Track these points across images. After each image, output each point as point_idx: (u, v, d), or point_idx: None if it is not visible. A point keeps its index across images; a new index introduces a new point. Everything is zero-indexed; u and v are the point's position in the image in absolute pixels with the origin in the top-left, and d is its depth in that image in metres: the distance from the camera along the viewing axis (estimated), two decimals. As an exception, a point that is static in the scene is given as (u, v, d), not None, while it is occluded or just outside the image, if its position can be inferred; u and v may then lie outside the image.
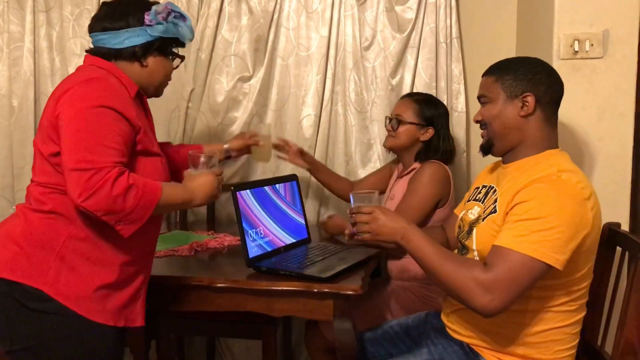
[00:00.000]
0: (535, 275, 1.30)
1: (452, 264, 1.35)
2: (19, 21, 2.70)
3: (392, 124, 2.15)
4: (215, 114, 2.64)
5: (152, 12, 1.53)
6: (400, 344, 1.76)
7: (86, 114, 1.37)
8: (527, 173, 1.43)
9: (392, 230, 1.44)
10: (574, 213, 1.32)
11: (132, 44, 1.53)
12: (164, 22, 1.54)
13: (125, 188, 1.33)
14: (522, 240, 1.30)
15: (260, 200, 1.85)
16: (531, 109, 1.47)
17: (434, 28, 2.49)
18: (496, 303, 1.28)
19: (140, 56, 1.55)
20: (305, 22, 2.58)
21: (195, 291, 1.70)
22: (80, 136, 1.35)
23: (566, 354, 1.44)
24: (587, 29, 1.97)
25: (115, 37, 1.52)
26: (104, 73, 1.48)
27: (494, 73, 1.53)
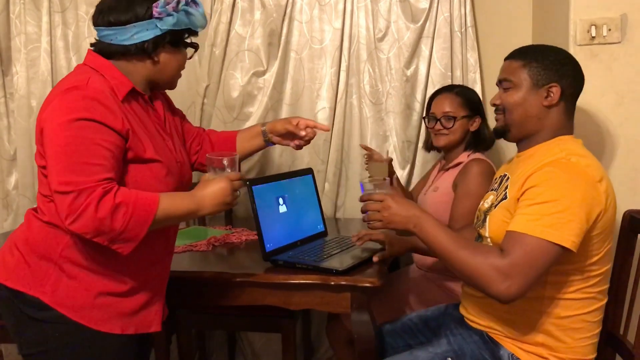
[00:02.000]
0: (551, 258, 1.29)
1: (468, 251, 1.34)
2: (35, 22, 2.73)
3: (443, 123, 2.09)
4: (231, 109, 2.64)
5: (161, 2, 1.40)
6: (419, 336, 1.75)
7: (66, 130, 1.27)
8: (537, 159, 1.42)
9: (404, 219, 1.43)
10: (585, 194, 1.32)
11: (142, 39, 1.40)
12: (175, 13, 1.42)
13: (111, 208, 1.24)
14: (535, 224, 1.29)
15: (277, 195, 1.85)
16: (555, 100, 1.45)
17: (448, 17, 2.47)
18: (515, 288, 1.27)
19: (151, 52, 1.42)
20: (318, 15, 2.57)
21: (214, 286, 1.72)
22: (60, 156, 1.27)
23: (587, 343, 1.43)
24: (604, 13, 1.93)
25: (123, 33, 1.40)
26: (90, 76, 1.36)
27: (522, 58, 1.50)
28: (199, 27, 1.50)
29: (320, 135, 2.58)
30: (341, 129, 2.58)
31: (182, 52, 1.51)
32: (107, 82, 1.38)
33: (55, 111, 1.31)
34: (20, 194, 2.80)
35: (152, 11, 1.40)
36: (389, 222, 1.46)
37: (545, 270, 1.31)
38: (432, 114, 2.14)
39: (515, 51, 1.55)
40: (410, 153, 2.55)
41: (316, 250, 1.83)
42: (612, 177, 1.78)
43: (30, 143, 2.75)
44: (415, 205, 1.46)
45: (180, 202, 1.38)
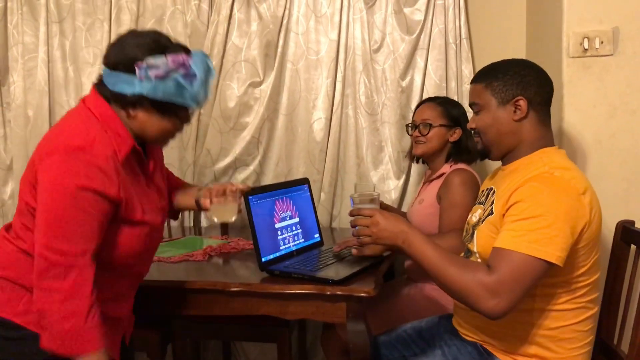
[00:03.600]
0: (537, 274, 1.30)
1: (456, 268, 1.34)
2: (32, 32, 2.75)
3: (420, 130, 2.11)
4: (227, 119, 2.66)
5: (145, 64, 1.30)
6: (413, 347, 1.76)
7: (65, 197, 1.26)
8: (521, 173, 1.43)
9: (393, 235, 1.44)
10: (570, 208, 1.33)
11: (121, 90, 1.33)
12: (160, 81, 1.31)
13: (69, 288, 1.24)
14: (521, 240, 1.30)
15: (273, 205, 1.86)
16: (524, 113, 1.47)
17: (443, 29, 2.50)
18: (503, 305, 1.28)
19: (128, 105, 1.35)
20: (314, 26, 2.59)
21: (210, 295, 1.72)
22: (53, 220, 1.26)
23: (580, 352, 1.44)
24: (597, 26, 1.96)
25: (110, 76, 1.35)
26: (95, 135, 1.31)
27: (482, 79, 1.52)
28: (191, 103, 1.38)
29: (316, 146, 2.60)
30: (337, 139, 2.59)
31: (166, 119, 1.39)
32: (110, 142, 1.33)
33: (56, 171, 1.27)
34: (15, 204, 2.77)
35: (134, 67, 1.31)
36: (377, 238, 1.46)
37: (533, 285, 1.32)
38: (413, 121, 2.18)
39: (477, 74, 1.57)
40: (405, 163, 2.57)
41: (312, 260, 1.84)
42: (604, 188, 1.81)
43: (26, 153, 2.76)
44: (403, 221, 1.46)
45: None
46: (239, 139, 2.67)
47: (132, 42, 1.35)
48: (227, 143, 2.67)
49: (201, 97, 1.39)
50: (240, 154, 2.67)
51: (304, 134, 2.63)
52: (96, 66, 2.73)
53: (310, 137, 2.62)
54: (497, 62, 1.56)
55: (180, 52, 1.36)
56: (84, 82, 2.75)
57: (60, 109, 2.77)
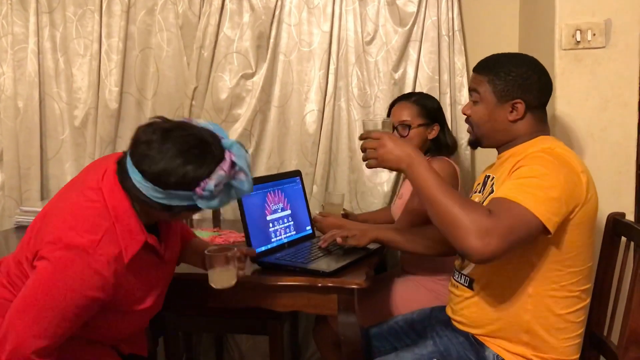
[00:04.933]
0: (530, 231, 1.30)
1: (456, 201, 1.30)
2: (22, 23, 2.72)
3: (399, 131, 2.09)
4: (219, 111, 2.64)
5: (211, 184, 1.25)
6: (405, 338, 1.76)
7: (57, 294, 1.24)
8: (522, 154, 1.44)
9: (398, 158, 1.41)
10: (568, 180, 1.35)
11: (170, 204, 1.29)
12: (218, 195, 1.29)
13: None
14: (521, 192, 1.31)
15: (264, 196, 1.85)
16: (521, 115, 1.48)
17: (436, 21, 2.49)
18: (491, 248, 1.24)
19: (175, 214, 1.36)
20: (306, 17, 2.58)
21: (201, 288, 1.70)
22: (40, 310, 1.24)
23: (571, 343, 1.44)
24: (589, 18, 1.95)
25: (156, 192, 1.27)
26: (102, 235, 1.27)
27: (486, 72, 1.51)
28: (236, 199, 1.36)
29: (309, 138, 2.59)
30: (329, 131, 2.58)
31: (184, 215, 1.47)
32: (118, 242, 1.29)
33: (54, 266, 1.25)
34: (6, 195, 2.78)
35: (196, 190, 1.26)
36: (382, 160, 1.44)
37: (523, 241, 1.30)
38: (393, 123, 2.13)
39: (482, 63, 1.56)
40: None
41: (304, 252, 1.84)
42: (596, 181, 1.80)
43: (16, 144, 2.74)
44: (412, 146, 1.43)
45: None
46: (230, 131, 2.65)
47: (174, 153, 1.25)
48: (219, 135, 2.66)
49: (248, 189, 1.34)
50: (232, 146, 2.65)
51: (297, 126, 2.63)
52: (87, 57, 2.71)
53: (303, 129, 2.61)
54: (504, 56, 1.55)
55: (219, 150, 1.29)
56: (74, 73, 2.73)
57: (50, 101, 2.75)
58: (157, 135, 1.28)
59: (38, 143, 2.74)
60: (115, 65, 2.67)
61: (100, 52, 2.69)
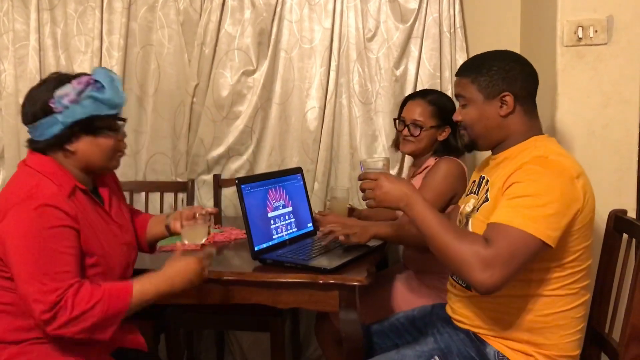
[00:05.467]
0: (531, 251, 1.30)
1: (454, 236, 1.34)
2: (23, 20, 2.72)
3: (410, 130, 2.08)
4: (220, 108, 2.64)
5: (57, 97, 1.39)
6: (406, 335, 1.76)
7: (30, 244, 1.32)
8: (515, 159, 1.44)
9: (396, 198, 1.44)
10: (564, 190, 1.34)
11: (51, 134, 1.40)
12: (75, 104, 1.39)
13: (85, 308, 1.31)
14: (517, 215, 1.31)
15: (266, 193, 1.85)
16: (511, 108, 1.47)
17: (438, 18, 2.48)
18: (495, 279, 1.28)
19: (64, 143, 1.42)
20: (308, 14, 2.57)
21: (203, 284, 1.70)
22: (29, 269, 1.31)
23: (572, 339, 1.44)
24: (591, 14, 1.95)
25: (34, 130, 1.42)
26: (37, 181, 1.39)
27: (468, 73, 1.51)
28: (110, 109, 1.44)
29: (310, 135, 2.59)
30: (330, 128, 2.58)
31: (103, 136, 1.46)
32: (52, 183, 1.40)
33: (13, 225, 1.34)
34: (7, 193, 2.78)
35: (51, 108, 1.39)
36: (381, 201, 1.47)
37: (526, 263, 1.32)
38: (402, 117, 2.13)
39: (462, 66, 1.56)
40: (399, 153, 2.56)
41: (305, 249, 1.84)
42: (597, 178, 1.81)
43: (18, 141, 2.74)
44: (408, 184, 1.46)
45: (152, 288, 1.43)
46: (232, 128, 2.65)
47: (36, 91, 1.44)
48: (220, 132, 2.66)
49: (117, 101, 1.46)
50: (234, 143, 2.65)
51: (298, 123, 2.62)
52: (88, 54, 2.71)
53: (304, 126, 2.61)
54: (481, 55, 1.56)
55: (80, 75, 1.45)
56: (75, 70, 2.72)
57: (51, 98, 2.75)
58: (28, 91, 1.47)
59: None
60: (116, 62, 2.67)
61: (101, 49, 2.69)
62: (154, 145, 2.72)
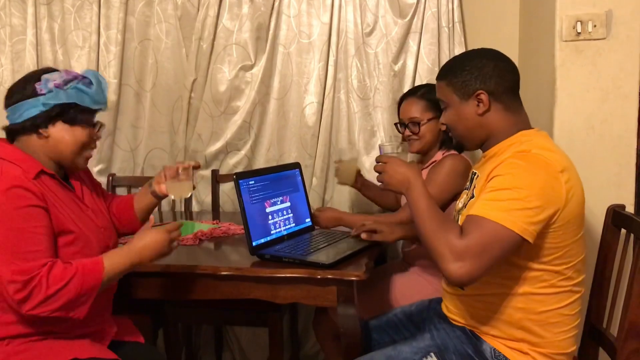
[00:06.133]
0: (506, 245, 1.30)
1: (435, 224, 1.36)
2: (20, 14, 2.71)
3: (410, 129, 2.08)
4: (218, 103, 2.64)
5: (44, 80, 1.45)
6: (403, 331, 1.76)
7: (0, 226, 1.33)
8: (501, 155, 1.44)
9: (399, 182, 1.48)
10: (545, 185, 1.33)
11: (29, 115, 1.44)
12: (60, 89, 1.44)
13: (60, 285, 1.32)
14: (492, 208, 1.31)
15: (264, 189, 1.85)
16: (487, 106, 1.46)
17: (436, 12, 2.48)
18: (465, 270, 1.28)
19: (39, 127, 1.45)
20: (306, 9, 2.56)
21: (201, 279, 1.71)
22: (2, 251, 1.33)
23: (567, 336, 1.44)
24: (590, 9, 1.94)
25: (14, 112, 1.46)
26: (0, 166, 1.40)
27: (443, 77, 1.52)
28: (92, 104, 1.49)
29: (308, 130, 2.59)
30: (329, 123, 2.58)
31: (79, 128, 1.50)
32: (17, 167, 1.41)
33: None
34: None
35: (36, 89, 1.44)
36: (387, 184, 1.51)
37: (501, 257, 1.31)
38: (401, 120, 2.14)
39: (440, 70, 1.57)
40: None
41: (303, 244, 1.84)
42: (596, 173, 1.81)
43: (15, 136, 2.73)
44: (413, 171, 1.47)
45: (122, 260, 1.44)
46: (230, 123, 2.65)
47: (26, 76, 1.49)
48: (218, 127, 2.66)
49: (101, 99, 1.51)
50: (232, 138, 2.65)
51: (296, 118, 2.62)
52: (85, 49, 2.70)
53: (302, 121, 2.60)
54: (457, 56, 1.57)
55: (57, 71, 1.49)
56: (73, 65, 2.72)
57: (49, 93, 2.74)
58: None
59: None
60: (113, 57, 2.66)
61: (98, 43, 2.68)
62: (152, 141, 2.72)
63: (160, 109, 2.70)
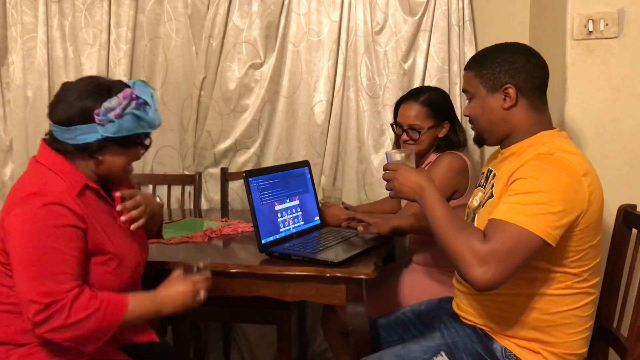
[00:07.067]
0: (529, 249, 1.29)
1: (454, 230, 1.34)
2: (31, 12, 2.73)
3: (409, 135, 2.05)
4: (227, 101, 2.64)
5: (103, 110, 1.38)
6: (412, 329, 1.76)
7: (32, 241, 1.31)
8: (521, 155, 1.42)
9: (411, 190, 1.45)
10: (568, 189, 1.32)
11: (84, 141, 1.40)
12: (117, 120, 1.39)
13: (83, 316, 1.31)
14: (516, 212, 1.30)
15: (273, 187, 1.85)
16: (513, 100, 1.45)
17: (446, 11, 2.47)
18: (489, 275, 1.27)
19: (94, 152, 1.42)
20: (316, 7, 2.56)
21: (210, 277, 1.71)
22: (29, 267, 1.31)
23: (579, 337, 1.43)
24: (602, 7, 1.93)
25: (67, 132, 1.40)
26: (46, 179, 1.39)
27: (472, 67, 1.50)
28: (149, 129, 1.47)
29: (317, 129, 2.59)
30: (338, 121, 2.58)
31: (130, 151, 1.49)
32: (62, 181, 1.40)
33: (18, 220, 1.34)
34: (15, 185, 2.79)
35: (93, 117, 1.39)
36: (398, 192, 1.49)
37: (524, 261, 1.31)
38: (398, 122, 2.10)
39: (469, 60, 1.56)
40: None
41: (312, 242, 1.84)
42: (607, 172, 1.79)
43: (26, 133, 2.75)
44: (424, 176, 1.46)
45: (145, 305, 1.43)
46: (239, 121, 2.65)
47: (75, 94, 1.41)
48: (227, 125, 2.66)
49: (157, 122, 1.48)
50: (241, 136, 2.65)
51: (305, 116, 2.62)
52: (95, 47, 2.71)
53: (311, 120, 2.60)
54: (488, 48, 1.54)
55: (122, 87, 1.43)
56: (83, 62, 2.73)
57: (59, 90, 2.75)
58: (62, 90, 1.44)
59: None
60: (124, 54, 2.67)
61: (109, 41, 2.69)
62: (161, 138, 2.72)
63: (169, 106, 2.70)
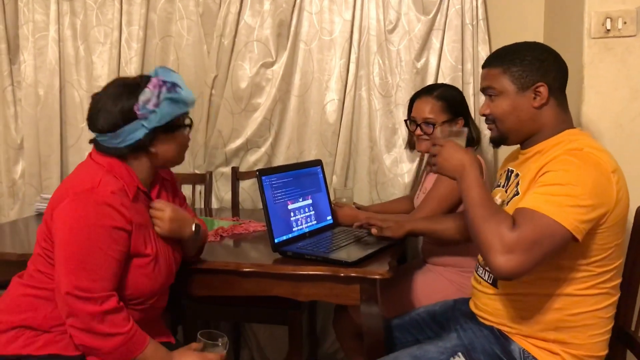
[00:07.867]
0: (556, 241, 1.27)
1: (486, 213, 1.32)
2: (43, 10, 2.73)
3: (424, 129, 2.04)
4: (239, 100, 2.63)
5: (141, 103, 1.42)
6: (427, 330, 1.74)
7: (78, 236, 1.35)
8: (548, 153, 1.40)
9: (452, 166, 1.44)
10: (597, 184, 1.30)
11: (134, 139, 1.44)
12: (157, 109, 1.43)
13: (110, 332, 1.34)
14: (545, 202, 1.28)
15: (286, 185, 1.84)
16: (545, 99, 1.43)
17: (460, 9, 2.44)
18: (512, 264, 1.25)
19: (147, 146, 1.47)
20: (328, 5, 2.55)
21: (221, 276, 1.70)
22: (72, 261, 1.35)
23: (600, 339, 1.41)
24: (620, 5, 1.90)
25: (114, 137, 1.44)
26: (101, 177, 1.42)
27: (499, 63, 1.47)
28: (187, 107, 1.51)
29: (329, 128, 2.57)
30: (350, 121, 2.56)
31: (180, 133, 1.53)
32: (118, 182, 1.44)
33: (68, 214, 1.37)
34: (26, 183, 2.80)
35: (135, 114, 1.42)
36: (440, 168, 1.47)
37: (549, 253, 1.28)
38: (412, 117, 2.10)
39: (490, 57, 1.52)
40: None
41: (325, 241, 1.82)
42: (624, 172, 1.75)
43: (37, 132, 2.75)
44: (469, 156, 1.43)
45: (158, 356, 1.44)
46: (250, 120, 2.64)
47: (109, 100, 1.44)
48: (238, 124, 2.65)
49: (191, 98, 1.51)
50: (252, 135, 2.64)
51: (317, 115, 2.60)
52: (107, 45, 2.71)
53: (323, 119, 2.59)
54: (513, 45, 1.51)
55: (147, 78, 1.47)
56: (94, 61, 2.73)
57: (70, 88, 2.75)
58: (94, 101, 1.47)
59: (58, 131, 2.76)
60: (135, 53, 2.67)
61: (120, 40, 2.68)
62: (172, 137, 2.71)
63: (180, 105, 2.69)
